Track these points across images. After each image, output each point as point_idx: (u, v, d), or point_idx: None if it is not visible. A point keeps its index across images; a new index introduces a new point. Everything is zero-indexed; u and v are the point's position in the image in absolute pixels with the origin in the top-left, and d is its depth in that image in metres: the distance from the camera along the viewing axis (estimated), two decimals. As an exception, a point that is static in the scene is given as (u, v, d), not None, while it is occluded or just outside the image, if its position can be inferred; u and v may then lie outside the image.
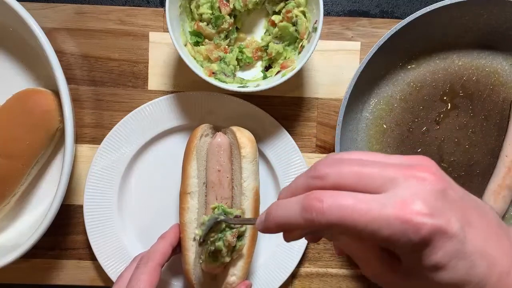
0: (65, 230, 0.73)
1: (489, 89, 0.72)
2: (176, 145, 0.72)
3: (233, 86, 0.65)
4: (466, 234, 0.32)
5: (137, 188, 0.73)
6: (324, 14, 0.63)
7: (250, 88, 0.65)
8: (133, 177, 0.73)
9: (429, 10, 0.64)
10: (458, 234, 0.31)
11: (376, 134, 0.73)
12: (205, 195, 0.65)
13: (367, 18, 0.73)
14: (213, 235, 0.59)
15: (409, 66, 0.72)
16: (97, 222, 0.70)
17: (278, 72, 0.67)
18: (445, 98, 0.73)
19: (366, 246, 0.36)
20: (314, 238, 0.40)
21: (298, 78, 0.73)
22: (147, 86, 0.73)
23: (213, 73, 0.67)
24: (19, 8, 0.64)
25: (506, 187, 0.69)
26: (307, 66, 0.73)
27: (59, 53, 0.72)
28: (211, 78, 0.65)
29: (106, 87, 0.73)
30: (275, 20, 0.68)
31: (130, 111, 0.70)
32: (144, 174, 0.73)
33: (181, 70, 0.73)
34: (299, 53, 0.66)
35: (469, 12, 0.67)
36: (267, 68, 0.70)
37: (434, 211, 0.31)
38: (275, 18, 0.68)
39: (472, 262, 0.32)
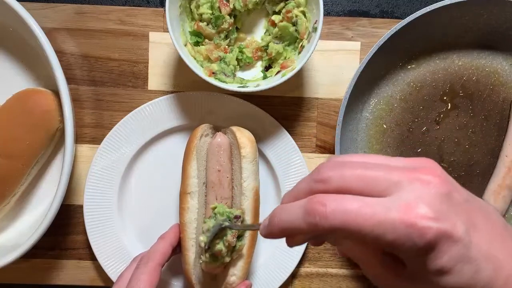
0: (65, 230, 0.73)
1: (489, 89, 0.72)
2: (176, 145, 0.72)
3: (233, 86, 0.65)
4: (471, 238, 0.31)
5: (137, 188, 0.73)
6: (324, 14, 0.63)
7: (250, 88, 0.65)
8: (133, 177, 0.73)
9: (429, 10, 0.64)
10: (464, 238, 0.31)
11: (376, 134, 0.73)
12: (205, 195, 0.65)
13: (367, 18, 0.73)
14: (218, 241, 0.59)
15: (409, 66, 0.72)
16: (97, 222, 0.70)
17: (278, 72, 0.67)
18: (445, 98, 0.73)
19: (369, 250, 0.36)
20: (317, 242, 0.39)
21: (298, 78, 0.73)
22: (147, 86, 0.73)
23: (213, 73, 0.67)
24: (19, 8, 0.64)
25: (506, 187, 0.69)
26: (307, 66, 0.73)
27: (59, 53, 0.72)
28: (211, 78, 0.65)
29: (106, 87, 0.73)
30: (275, 20, 0.68)
31: (130, 111, 0.70)
32: (144, 174, 0.73)
33: (181, 70, 0.73)
34: (299, 53, 0.66)
35: (469, 12, 0.67)
36: (267, 68, 0.70)
37: (439, 215, 0.30)
38: (275, 18, 0.68)
39: (477, 266, 0.32)
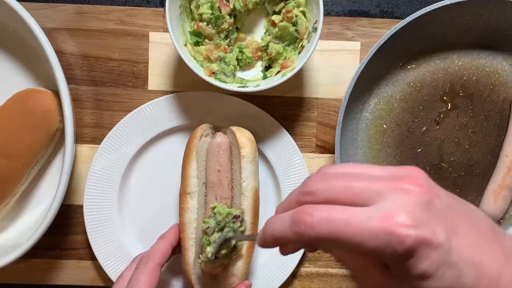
0: (65, 230, 0.73)
1: (489, 89, 0.72)
2: (176, 145, 0.72)
3: (233, 86, 0.65)
4: (452, 244, 0.32)
5: (137, 188, 0.73)
6: (324, 14, 0.63)
7: (250, 88, 0.65)
8: (133, 177, 0.73)
9: (429, 10, 0.64)
10: (444, 244, 0.32)
11: (376, 134, 0.73)
12: (204, 195, 0.65)
13: (367, 18, 0.73)
14: (223, 252, 0.60)
15: (409, 66, 0.72)
16: (97, 222, 0.70)
17: (278, 72, 0.67)
18: (445, 98, 0.72)
19: (358, 258, 0.38)
20: (310, 249, 0.41)
21: (298, 78, 0.73)
22: (147, 86, 0.73)
23: (213, 73, 0.67)
24: (19, 8, 0.64)
25: (506, 187, 0.69)
26: (307, 66, 0.73)
27: (59, 53, 0.72)
28: (211, 78, 0.65)
29: (106, 87, 0.73)
30: (275, 20, 0.68)
31: (130, 111, 0.70)
32: (144, 174, 0.73)
33: (181, 70, 0.73)
34: (299, 53, 0.66)
35: (469, 12, 0.67)
36: (267, 68, 0.70)
37: (418, 223, 0.31)
38: (275, 18, 0.68)
39: (459, 271, 0.32)
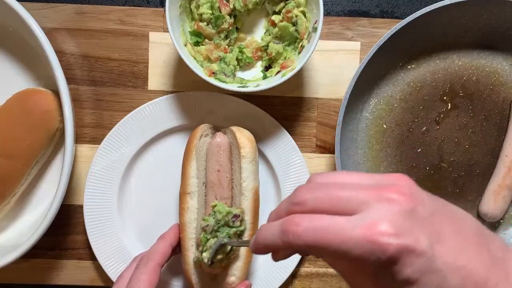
0: (65, 230, 0.73)
1: (489, 89, 0.72)
2: (176, 145, 0.72)
3: (233, 86, 0.65)
4: (435, 251, 0.33)
5: (137, 188, 0.73)
6: (324, 14, 0.63)
7: (250, 88, 0.65)
8: (133, 177, 0.73)
9: (429, 10, 0.64)
10: (427, 251, 0.32)
11: (376, 134, 0.73)
12: (204, 195, 0.65)
13: (367, 18, 0.73)
14: (219, 257, 0.61)
15: (409, 66, 0.72)
16: (97, 222, 0.70)
17: (278, 72, 0.67)
18: (445, 98, 0.72)
19: (347, 263, 0.38)
20: (302, 254, 0.43)
21: (298, 78, 0.73)
22: (147, 86, 0.73)
23: (213, 73, 0.67)
24: (19, 8, 0.64)
25: (506, 187, 0.69)
26: (307, 66, 0.73)
27: (59, 53, 0.72)
28: (211, 78, 0.65)
29: (106, 87, 0.73)
30: (275, 20, 0.68)
31: (130, 111, 0.70)
32: (144, 174, 0.73)
33: (181, 70, 0.73)
34: (299, 53, 0.66)
35: (469, 12, 0.67)
36: (267, 68, 0.70)
37: (400, 231, 0.32)
38: (275, 18, 0.68)
39: (443, 277, 0.33)
